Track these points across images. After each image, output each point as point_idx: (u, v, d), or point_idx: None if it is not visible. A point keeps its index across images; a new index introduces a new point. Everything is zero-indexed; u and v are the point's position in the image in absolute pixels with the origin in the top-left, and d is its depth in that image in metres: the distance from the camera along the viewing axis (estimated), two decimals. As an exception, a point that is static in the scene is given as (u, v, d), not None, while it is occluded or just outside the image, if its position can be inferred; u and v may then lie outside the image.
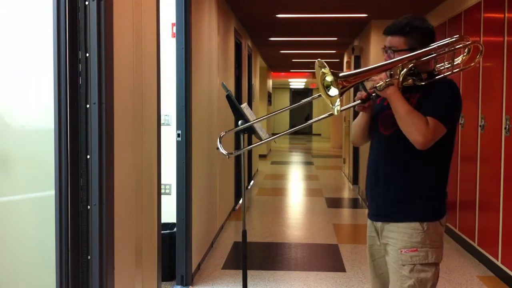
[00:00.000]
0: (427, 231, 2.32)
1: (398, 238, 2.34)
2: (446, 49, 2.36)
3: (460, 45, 2.38)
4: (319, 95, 2.34)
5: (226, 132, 3.02)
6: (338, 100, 2.18)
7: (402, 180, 2.36)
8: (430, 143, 2.24)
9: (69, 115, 2.33)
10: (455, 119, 2.37)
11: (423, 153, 2.29)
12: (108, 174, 2.43)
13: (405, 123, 2.25)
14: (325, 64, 2.20)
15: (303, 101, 2.97)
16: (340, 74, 2.19)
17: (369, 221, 2.53)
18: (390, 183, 2.38)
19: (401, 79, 2.29)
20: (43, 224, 2.57)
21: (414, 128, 2.22)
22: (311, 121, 2.79)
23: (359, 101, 2.41)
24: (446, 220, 2.43)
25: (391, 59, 2.34)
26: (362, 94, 2.39)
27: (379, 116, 2.44)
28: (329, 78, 2.19)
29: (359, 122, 2.53)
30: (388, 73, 2.31)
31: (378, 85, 2.29)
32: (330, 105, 2.21)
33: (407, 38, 2.32)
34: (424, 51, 2.30)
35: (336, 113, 2.22)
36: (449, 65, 2.39)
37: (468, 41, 2.39)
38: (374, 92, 2.35)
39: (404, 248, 2.32)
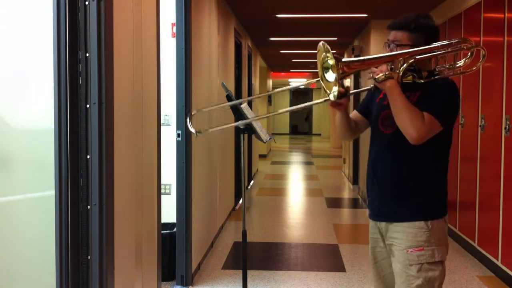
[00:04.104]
0: (432, 229, 2.31)
1: (403, 237, 2.32)
2: (449, 49, 2.35)
3: (463, 48, 2.37)
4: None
5: (197, 110, 2.77)
6: (337, 85, 2.15)
7: (403, 178, 2.36)
8: (424, 139, 2.23)
9: (69, 115, 2.33)
10: (452, 119, 2.36)
11: (423, 152, 2.30)
12: (108, 174, 2.43)
13: (401, 116, 2.24)
14: (329, 48, 2.18)
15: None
16: (343, 60, 2.17)
17: (371, 222, 2.51)
18: (391, 182, 2.38)
19: (401, 73, 2.28)
20: (43, 224, 2.57)
21: (410, 122, 2.21)
22: (307, 104, 2.60)
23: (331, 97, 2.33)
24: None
25: None
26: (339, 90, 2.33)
27: (379, 115, 2.44)
28: (331, 61, 2.18)
29: (337, 123, 2.53)
30: (388, 66, 2.30)
31: (377, 76, 2.26)
32: (327, 91, 2.19)
33: (411, 35, 2.32)
34: (427, 48, 2.30)
35: (333, 98, 2.18)
36: (450, 67, 2.39)
37: (471, 45, 2.37)
38: (373, 84, 2.33)
39: (410, 247, 2.30)
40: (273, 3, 6.95)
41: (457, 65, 2.39)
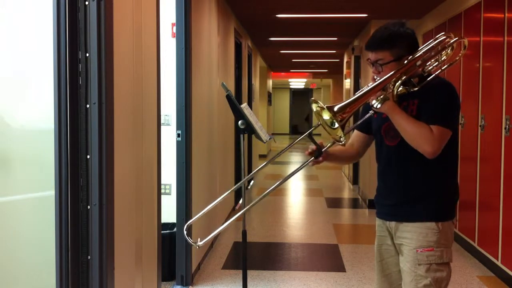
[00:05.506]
0: (442, 230, 2.32)
1: (413, 237, 2.33)
2: (433, 53, 2.37)
3: (445, 46, 2.39)
4: (320, 124, 2.33)
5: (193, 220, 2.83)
6: (342, 133, 2.21)
7: (414, 185, 2.37)
8: (439, 151, 2.24)
9: (69, 115, 2.33)
10: (456, 118, 2.38)
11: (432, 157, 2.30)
12: (108, 174, 2.43)
13: (410, 135, 2.26)
14: (318, 101, 2.25)
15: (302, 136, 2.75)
16: (335, 109, 2.20)
17: (379, 221, 2.52)
18: (402, 190, 2.40)
19: (395, 92, 2.31)
20: (43, 224, 2.57)
21: (421, 139, 2.23)
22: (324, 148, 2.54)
23: (312, 158, 2.40)
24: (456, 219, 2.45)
25: (379, 71, 2.34)
26: (311, 148, 2.39)
27: (381, 128, 2.45)
28: (326, 116, 2.23)
29: (337, 164, 2.57)
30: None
31: (375, 105, 2.28)
32: (336, 138, 2.25)
33: (393, 50, 2.31)
34: (414, 59, 2.31)
35: (343, 141, 2.26)
36: (437, 63, 2.40)
37: (452, 39, 2.40)
38: (371, 109, 2.35)
39: (420, 247, 2.31)
40: (273, 3, 6.95)
41: (442, 59, 2.40)
